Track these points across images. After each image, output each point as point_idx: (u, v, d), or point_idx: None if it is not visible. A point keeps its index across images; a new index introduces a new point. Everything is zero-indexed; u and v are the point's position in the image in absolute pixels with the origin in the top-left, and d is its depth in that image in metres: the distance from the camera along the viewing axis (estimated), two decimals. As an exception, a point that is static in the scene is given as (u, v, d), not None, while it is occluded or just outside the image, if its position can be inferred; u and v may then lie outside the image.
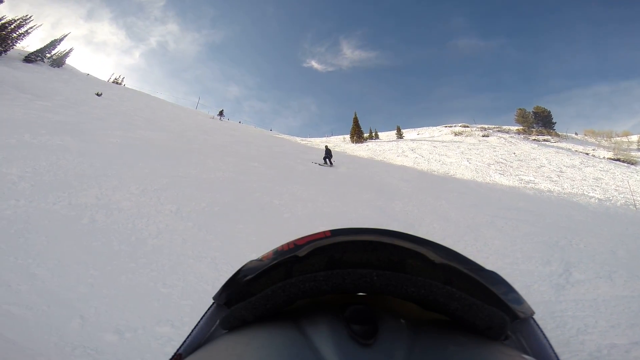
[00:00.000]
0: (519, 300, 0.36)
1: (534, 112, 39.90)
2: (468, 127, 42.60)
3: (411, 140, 33.31)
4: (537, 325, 0.36)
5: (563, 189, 15.43)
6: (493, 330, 0.30)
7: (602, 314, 4.11)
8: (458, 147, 26.77)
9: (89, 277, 3.06)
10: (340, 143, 34.29)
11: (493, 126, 43.11)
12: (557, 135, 38.24)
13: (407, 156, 22.76)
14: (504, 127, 42.64)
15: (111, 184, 5.50)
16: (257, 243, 4.61)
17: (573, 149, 30.17)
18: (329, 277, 0.33)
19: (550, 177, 17.87)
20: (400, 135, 38.96)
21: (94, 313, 2.60)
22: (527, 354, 0.33)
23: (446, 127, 44.71)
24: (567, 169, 20.52)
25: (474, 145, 28.37)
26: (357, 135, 36.33)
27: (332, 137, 47.26)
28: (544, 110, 39.86)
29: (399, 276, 0.32)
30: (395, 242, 0.37)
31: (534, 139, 34.52)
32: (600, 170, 21.08)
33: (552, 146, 30.84)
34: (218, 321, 0.39)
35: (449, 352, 0.27)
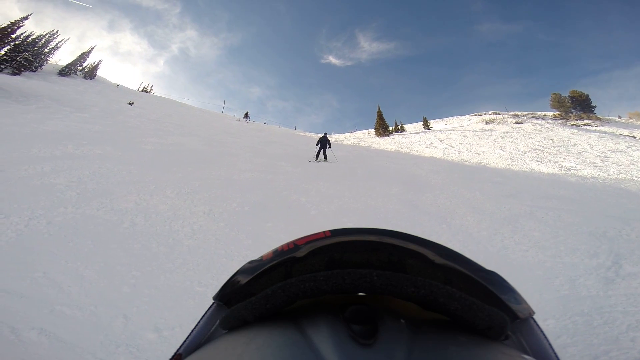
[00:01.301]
0: (519, 300, 0.36)
1: (570, 97, 37.37)
2: (499, 114, 40.69)
3: (439, 130, 32.30)
4: (537, 325, 0.36)
5: (609, 174, 14.26)
6: (493, 330, 0.30)
7: None
8: (490, 135, 25.60)
9: (131, 277, 3.23)
10: (366, 137, 33.94)
11: (526, 112, 40.84)
12: (599, 119, 35.54)
13: (436, 147, 22.08)
14: (539, 113, 40.26)
15: (148, 189, 5.79)
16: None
17: (617, 133, 27.87)
18: (328, 277, 0.33)
19: (594, 163, 16.58)
20: (427, 127, 37.92)
21: (135, 312, 2.74)
22: (527, 354, 0.33)
23: (476, 115, 42.97)
24: (613, 154, 18.93)
25: (507, 132, 27.00)
26: (382, 128, 35.74)
27: (356, 132, 46.94)
28: (582, 94, 37.18)
29: (399, 276, 0.32)
30: (395, 242, 0.37)
31: (573, 124, 32.32)
32: (651, 153, 19.27)
33: (594, 130, 28.66)
34: (218, 321, 0.39)
35: (449, 352, 0.27)
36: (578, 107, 36.69)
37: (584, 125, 32.30)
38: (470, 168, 13.83)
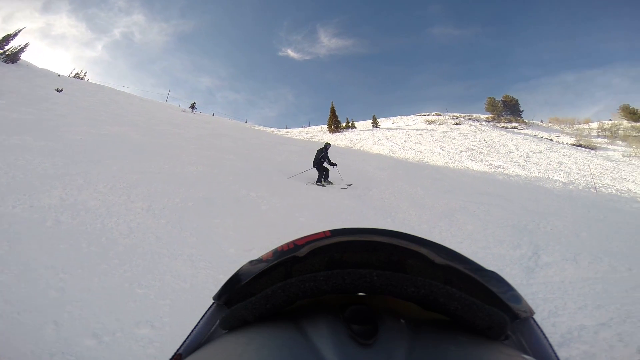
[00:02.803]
0: (519, 300, 0.36)
1: (502, 101, 41.47)
2: (441, 115, 43.74)
3: (387, 129, 33.81)
4: (537, 325, 0.36)
5: (530, 173, 16.27)
6: (493, 330, 0.30)
7: (570, 295, 4.28)
8: (431, 135, 27.47)
9: (59, 281, 2.92)
10: (318, 133, 34.26)
11: (464, 114, 44.47)
12: (524, 122, 40.00)
13: (383, 145, 23.11)
14: (475, 115, 44.09)
15: (76, 184, 5.22)
16: (235, 238, 4.56)
17: (539, 136, 31.72)
18: (328, 277, 0.33)
19: (518, 162, 18.77)
20: (376, 124, 39.47)
21: (68, 318, 2.49)
22: (527, 354, 0.33)
23: (420, 115, 45.69)
24: (534, 154, 21.61)
25: (446, 133, 29.19)
26: (335, 125, 36.42)
27: (310, 127, 47.11)
28: (512, 99, 41.51)
29: (398, 276, 0.32)
30: (395, 242, 0.37)
31: (503, 126, 35.96)
32: (564, 155, 22.35)
33: (520, 133, 32.31)
34: (218, 321, 0.39)
35: (449, 352, 0.27)
36: (508, 110, 40.88)
37: (512, 127, 36.16)
38: (413, 165, 14.74)
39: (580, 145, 28.64)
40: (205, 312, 0.42)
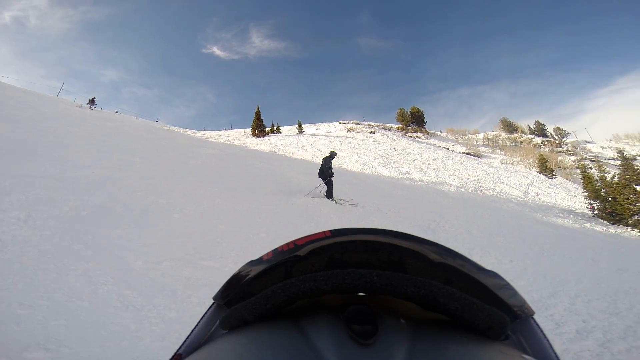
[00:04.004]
0: (519, 300, 0.36)
1: (410, 112, 46.52)
2: (358, 124, 46.95)
3: (310, 135, 34.76)
4: (537, 325, 0.36)
5: (431, 178, 18.56)
6: (493, 330, 0.30)
7: None
8: (350, 142, 29.22)
9: None
10: (241, 137, 33.29)
11: (378, 124, 48.59)
12: (427, 132, 45.62)
13: (306, 150, 23.65)
14: (387, 125, 48.54)
15: None
16: (142, 250, 4.08)
17: (438, 145, 36.51)
18: (328, 277, 0.33)
19: (421, 169, 21.27)
20: (300, 130, 40.21)
21: None
22: (527, 354, 0.33)
23: (340, 123, 48.27)
24: (434, 162, 24.76)
25: (362, 140, 31.41)
26: (259, 129, 35.82)
27: (231, 130, 45.47)
28: (418, 111, 46.91)
29: (398, 276, 0.32)
30: (395, 242, 0.37)
31: (410, 136, 40.37)
32: (457, 163, 26.19)
33: (423, 142, 36.67)
34: (218, 321, 0.38)
35: (449, 352, 0.27)
36: (415, 121, 46.00)
37: (417, 137, 40.82)
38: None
39: (469, 154, 33.99)
40: (206, 312, 0.42)
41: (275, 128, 40.52)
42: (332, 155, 9.39)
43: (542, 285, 4.37)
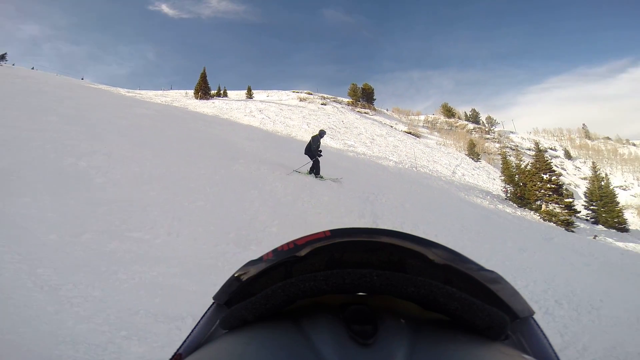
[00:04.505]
0: (519, 299, 0.36)
1: (362, 88, 47.21)
2: (312, 94, 46.41)
3: (260, 101, 33.46)
4: (537, 325, 0.36)
5: (373, 153, 19.34)
6: (493, 330, 0.30)
7: None
8: (301, 112, 28.84)
9: None
10: (182, 98, 30.75)
11: (331, 96, 48.54)
12: (375, 109, 46.89)
13: (254, 116, 22.79)
14: (339, 98, 48.75)
15: None
16: (57, 220, 3.61)
17: (383, 122, 37.87)
18: (328, 277, 0.33)
19: (365, 143, 22.02)
20: (250, 96, 38.40)
21: None
22: (527, 354, 0.33)
23: (294, 92, 47.17)
24: (377, 137, 25.76)
25: (313, 111, 31.22)
26: (203, 91, 33.23)
27: (171, 91, 41.86)
28: (370, 88, 47.75)
29: (398, 276, 0.32)
30: (395, 242, 0.37)
31: (358, 111, 41.14)
32: (398, 140, 27.59)
33: (370, 118, 37.71)
34: (218, 321, 0.38)
35: (449, 352, 0.28)
36: (365, 97, 46.86)
37: (365, 113, 41.78)
38: (281, 139, 15.18)
39: (410, 133, 36.00)
40: (206, 312, 0.41)
41: (222, 92, 38.03)
42: (322, 134, 9.12)
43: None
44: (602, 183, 22.46)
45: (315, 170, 8.66)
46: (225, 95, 37.70)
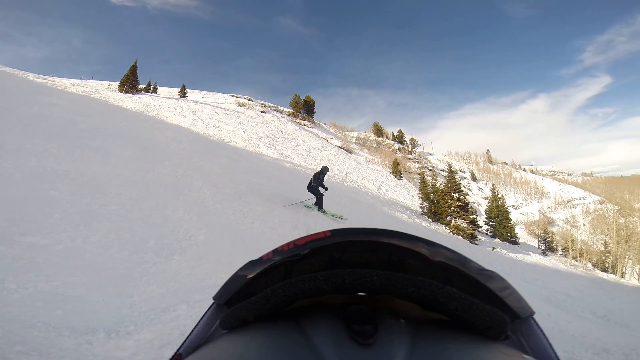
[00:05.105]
0: (519, 299, 0.36)
1: (304, 100, 48.17)
2: (252, 100, 45.65)
3: (194, 101, 31.72)
4: (537, 325, 0.36)
5: (309, 164, 19.78)
6: (493, 330, 0.30)
7: None
8: (238, 117, 28.11)
9: None
10: (103, 90, 27.54)
11: (272, 105, 48.43)
12: (314, 122, 48.17)
13: (185, 117, 21.48)
14: (280, 107, 48.93)
15: None
16: None
17: (320, 135, 39.08)
18: (328, 277, 0.33)
19: (302, 155, 22.45)
20: (183, 94, 36.08)
21: None
22: (527, 354, 0.33)
23: (233, 96, 45.77)
24: (314, 150, 26.48)
25: (252, 118, 30.70)
26: (130, 84, 30.12)
27: (91, 81, 37.11)
28: (311, 100, 48.97)
29: (398, 276, 0.32)
30: (395, 242, 0.37)
31: (298, 122, 41.78)
32: (333, 155, 28.74)
33: (308, 130, 38.56)
34: (218, 321, 0.38)
35: (449, 352, 0.27)
36: (306, 109, 47.79)
37: (304, 124, 42.58)
38: (214, 143, 14.57)
39: (343, 149, 37.77)
40: (206, 312, 0.41)
41: (152, 87, 35.03)
42: (324, 170, 8.90)
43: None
44: (499, 202, 26.54)
45: (318, 205, 8.62)
46: (155, 91, 34.80)
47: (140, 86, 32.42)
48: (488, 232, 24.31)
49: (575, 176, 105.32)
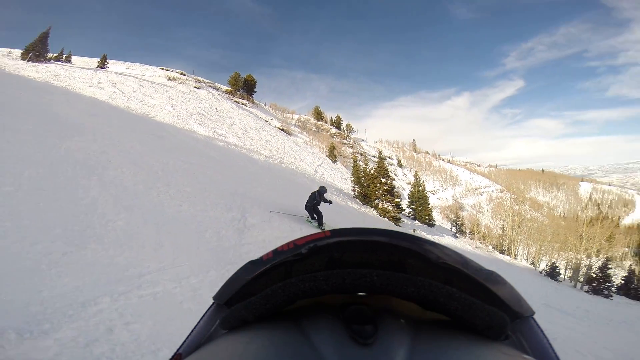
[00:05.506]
0: (519, 299, 0.36)
1: (245, 79, 45.83)
2: (184, 75, 42.04)
3: (116, 73, 27.96)
4: (538, 325, 0.36)
5: (245, 144, 19.29)
6: (493, 330, 0.30)
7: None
8: (167, 91, 25.77)
9: None
10: (0, 57, 22.82)
11: (208, 81, 45.22)
12: (253, 102, 46.44)
13: (103, 89, 19.02)
14: (217, 84, 45.93)
15: None
16: None
17: (259, 115, 38.01)
18: (328, 277, 0.33)
19: (238, 134, 21.74)
20: (103, 65, 31.57)
21: None
22: (527, 354, 0.33)
23: (163, 69, 41.58)
24: (251, 130, 25.78)
25: (183, 93, 28.39)
26: (38, 52, 25.33)
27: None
28: (253, 80, 46.82)
29: (398, 276, 0.32)
30: (395, 242, 0.37)
31: (235, 101, 39.87)
32: (271, 135, 28.35)
33: (246, 110, 37.19)
34: (218, 321, 0.37)
35: (449, 352, 0.27)
36: (246, 88, 45.54)
37: (242, 103, 40.82)
38: (135, 117, 13.25)
39: (282, 130, 37.41)
40: (206, 312, 0.41)
41: (65, 56, 29.92)
42: (322, 191, 8.52)
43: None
44: (420, 188, 29.31)
45: (319, 221, 8.47)
46: (67, 60, 29.80)
47: (51, 55, 27.51)
48: (410, 215, 26.90)
49: (484, 167, 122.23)
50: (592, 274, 22.53)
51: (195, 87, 35.42)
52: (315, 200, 8.67)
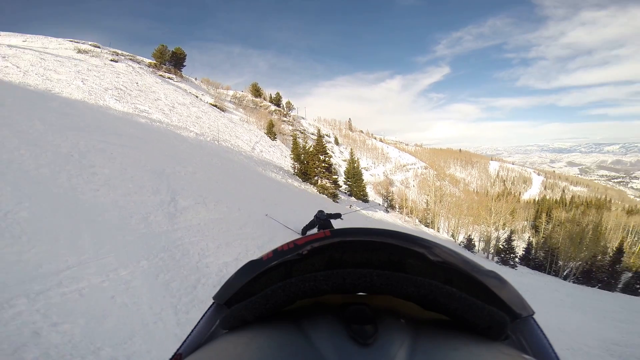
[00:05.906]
0: (519, 299, 0.36)
1: (173, 52, 41.61)
2: (99, 47, 36.67)
3: (8, 45, 22.98)
4: (537, 325, 0.36)
5: (171, 121, 18.03)
6: (493, 330, 0.30)
7: (208, 236, 4.93)
8: (76, 65, 22.34)
9: None
10: None
11: (127, 53, 40.15)
12: (181, 76, 42.72)
13: (-11, 62, 15.65)
14: (138, 57, 41.04)
15: None
16: None
17: (188, 91, 35.28)
18: (328, 277, 0.33)
19: (163, 110, 20.13)
20: (-12, 35, 25.60)
21: None
22: (527, 354, 0.33)
23: (71, 41, 35.42)
24: (179, 106, 24.01)
25: (96, 67, 24.91)
26: None
27: None
28: (182, 53, 42.83)
29: (398, 276, 0.32)
30: (395, 242, 0.37)
31: (161, 75, 36.25)
32: (202, 112, 26.77)
33: (173, 84, 34.20)
34: (218, 321, 0.38)
35: (449, 351, 0.27)
36: (173, 62, 41.37)
37: (169, 78, 37.33)
38: (34, 94, 11.37)
39: (216, 106, 35.45)
40: (206, 312, 0.41)
41: None
42: (320, 216, 7.63)
43: (255, 228, 5.80)
44: (355, 165, 30.76)
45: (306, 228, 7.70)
46: None
47: None
48: (346, 192, 28.24)
49: (411, 146, 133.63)
50: (500, 246, 25.63)
51: (111, 60, 31.23)
52: (313, 223, 8.07)
